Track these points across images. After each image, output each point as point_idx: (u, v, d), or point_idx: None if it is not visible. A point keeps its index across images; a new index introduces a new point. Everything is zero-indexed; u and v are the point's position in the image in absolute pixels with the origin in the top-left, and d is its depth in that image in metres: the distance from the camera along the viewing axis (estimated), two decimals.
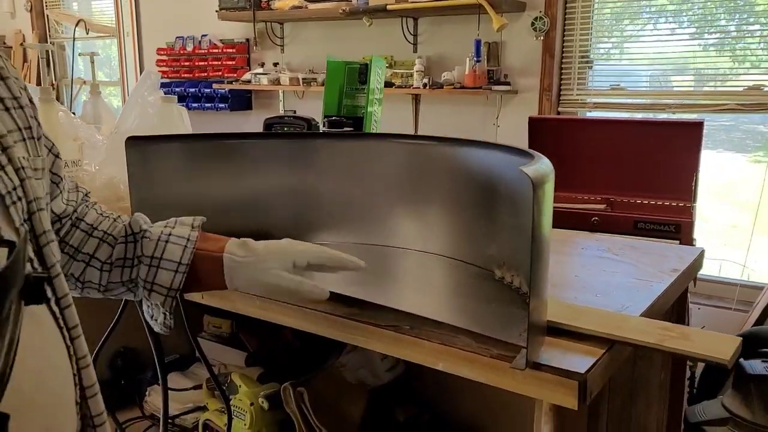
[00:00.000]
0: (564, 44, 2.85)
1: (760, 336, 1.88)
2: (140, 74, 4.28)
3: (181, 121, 1.76)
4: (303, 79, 3.30)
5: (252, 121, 4.03)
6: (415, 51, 3.18)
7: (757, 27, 2.54)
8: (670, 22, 2.72)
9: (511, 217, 1.05)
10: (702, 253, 1.40)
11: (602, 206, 2.08)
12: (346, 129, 1.70)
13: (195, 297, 1.15)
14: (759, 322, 2.53)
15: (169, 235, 0.82)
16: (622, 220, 1.97)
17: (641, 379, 1.27)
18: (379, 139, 1.23)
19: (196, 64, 4.06)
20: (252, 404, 1.37)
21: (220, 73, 3.96)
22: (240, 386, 1.42)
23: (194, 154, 1.23)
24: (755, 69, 2.57)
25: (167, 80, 4.22)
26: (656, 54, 2.80)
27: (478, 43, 2.79)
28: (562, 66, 2.89)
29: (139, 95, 1.62)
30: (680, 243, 1.92)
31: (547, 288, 0.85)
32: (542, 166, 0.80)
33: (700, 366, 2.18)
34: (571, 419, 0.88)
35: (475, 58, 2.81)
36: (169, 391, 1.40)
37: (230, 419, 1.04)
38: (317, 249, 0.88)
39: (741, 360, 1.90)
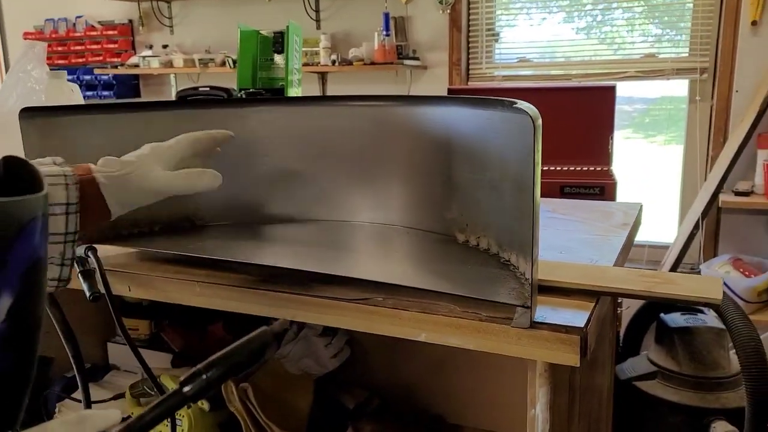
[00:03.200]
0: (470, 18, 2.84)
1: None
2: (3, 64, 3.85)
3: (72, 99, 1.55)
4: (200, 60, 3.09)
5: None
6: (318, 28, 3.07)
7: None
8: None
9: (473, 174, 0.98)
10: (641, 209, 1.41)
11: None
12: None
13: (122, 291, 1.00)
14: None
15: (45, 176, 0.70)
16: (548, 186, 1.98)
17: (598, 338, 1.25)
18: (315, 103, 1.12)
19: (72, 48, 3.69)
20: (189, 407, 1.23)
21: (100, 58, 3.63)
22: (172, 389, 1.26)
23: (104, 127, 1.07)
24: (650, 37, 2.69)
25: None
26: (557, 26, 2.86)
27: (386, 16, 2.72)
28: (470, 40, 2.88)
29: (22, 70, 1.40)
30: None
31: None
32: (524, 104, 0.73)
33: (624, 320, 2.25)
34: (561, 380, 0.83)
35: (384, 33, 2.74)
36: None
37: (174, 426, 0.91)
38: (182, 136, 0.85)
39: (661, 315, 1.96)
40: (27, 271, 0.34)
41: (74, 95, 1.54)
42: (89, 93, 3.49)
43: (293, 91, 1.72)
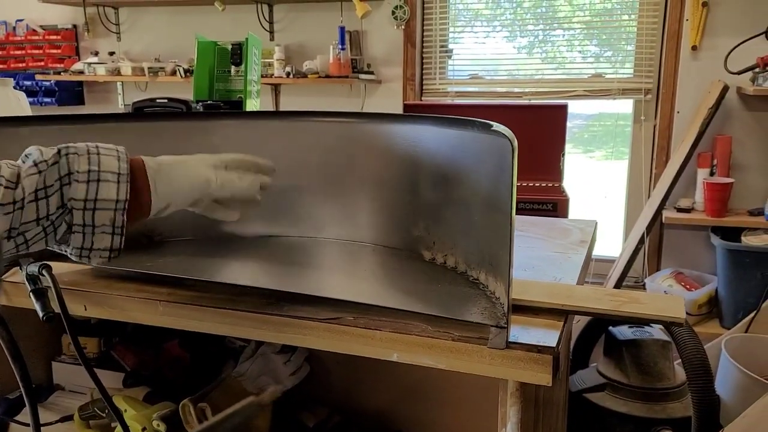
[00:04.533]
0: (424, 34, 2.88)
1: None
2: None
3: (19, 107, 1.49)
4: (149, 68, 3.01)
5: None
6: (272, 39, 3.04)
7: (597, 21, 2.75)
8: (518, 18, 2.86)
9: (441, 192, 0.99)
10: (596, 226, 1.45)
11: None
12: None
13: (77, 310, 0.96)
14: None
15: (97, 146, 0.73)
16: None
17: None
18: (281, 118, 1.11)
19: (11, 53, 3.54)
20: (144, 429, 1.18)
21: (42, 64, 3.49)
22: (126, 410, 1.22)
23: (59, 139, 1.02)
24: (598, 58, 2.79)
25: None
26: (506, 43, 2.93)
27: (342, 30, 2.72)
28: (423, 55, 2.92)
29: None
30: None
31: None
32: (500, 126, 0.74)
33: (574, 333, 2.30)
34: (528, 397, 0.84)
35: (339, 46, 2.74)
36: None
37: None
38: (230, 154, 0.86)
39: (610, 328, 2.02)
40: None
41: (21, 103, 1.48)
42: (30, 99, 3.32)
43: (251, 104, 1.70)
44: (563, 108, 2.13)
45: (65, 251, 0.77)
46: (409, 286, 0.92)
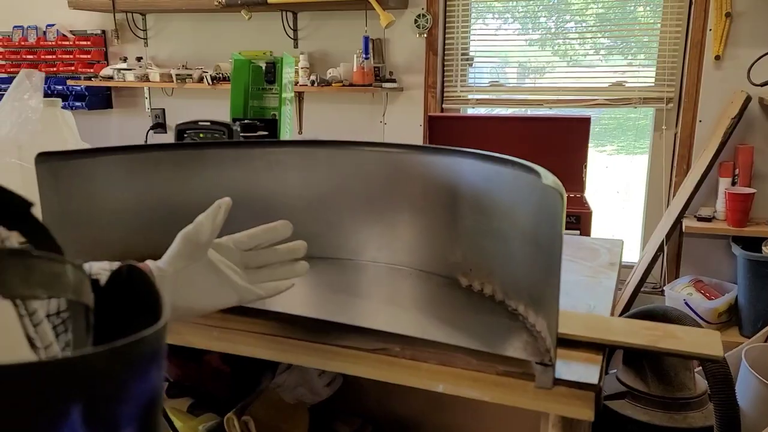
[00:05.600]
0: (446, 42, 2.91)
1: (649, 314, 2.04)
2: None
3: (67, 126, 1.54)
4: (177, 75, 3.07)
5: (115, 122, 3.68)
6: (296, 47, 3.08)
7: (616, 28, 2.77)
8: (540, 21, 2.88)
9: (480, 223, 1.03)
10: (622, 245, 1.49)
11: None
12: (261, 133, 1.60)
13: None
14: (632, 298, 2.78)
15: (90, 267, 0.68)
16: None
17: None
18: (329, 147, 1.15)
19: (42, 57, 3.62)
20: None
21: (72, 68, 3.56)
22: (174, 420, 1.27)
23: (116, 168, 1.08)
24: (619, 66, 2.80)
25: (5, 75, 3.73)
26: (526, 51, 2.95)
27: (366, 39, 2.76)
28: (445, 63, 2.95)
29: (17, 98, 1.39)
30: (581, 232, 2.04)
31: None
32: (551, 175, 0.78)
33: None
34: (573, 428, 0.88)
35: (363, 56, 2.77)
36: None
37: None
38: (243, 234, 0.80)
39: None
40: (147, 404, 0.34)
41: (69, 123, 1.53)
42: (61, 104, 3.42)
43: (285, 121, 1.75)
44: (586, 121, 2.16)
45: None
46: (451, 317, 0.96)
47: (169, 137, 3.54)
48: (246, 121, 1.57)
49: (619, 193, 3.26)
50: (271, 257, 0.81)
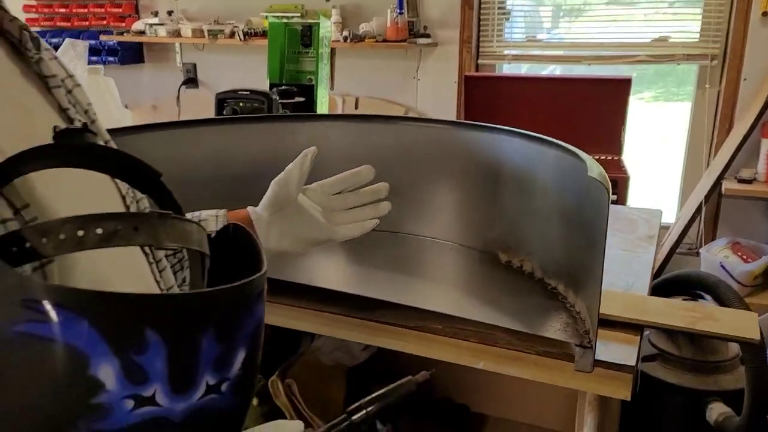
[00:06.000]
0: None
1: (684, 279, 2.03)
2: None
3: (109, 93, 1.57)
4: (209, 31, 3.05)
5: (147, 76, 3.70)
6: (327, 0, 3.03)
7: None
8: None
9: (523, 202, 1.04)
10: (660, 215, 1.48)
11: None
12: (298, 99, 1.60)
13: None
14: (666, 259, 2.76)
15: (200, 214, 0.79)
16: None
17: None
18: (378, 121, 1.16)
19: (74, 11, 3.62)
20: None
21: (104, 22, 3.56)
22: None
23: (161, 143, 1.10)
24: (661, 21, 2.70)
25: (39, 29, 3.75)
26: (568, 6, 2.86)
27: None
28: (481, 17, 2.88)
29: None
30: (617, 197, 2.02)
31: None
32: (596, 166, 0.78)
33: None
34: (607, 404, 0.90)
35: (397, 11, 2.72)
36: None
37: None
38: (329, 180, 0.86)
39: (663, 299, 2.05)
40: (254, 331, 0.44)
41: (111, 90, 1.56)
42: (94, 58, 3.44)
43: (321, 87, 1.74)
44: (627, 82, 2.11)
45: None
46: (491, 295, 0.98)
47: (201, 92, 3.55)
48: (283, 88, 1.57)
49: (657, 152, 3.20)
50: (357, 200, 0.86)
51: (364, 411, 0.48)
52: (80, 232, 0.43)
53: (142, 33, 3.30)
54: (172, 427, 0.40)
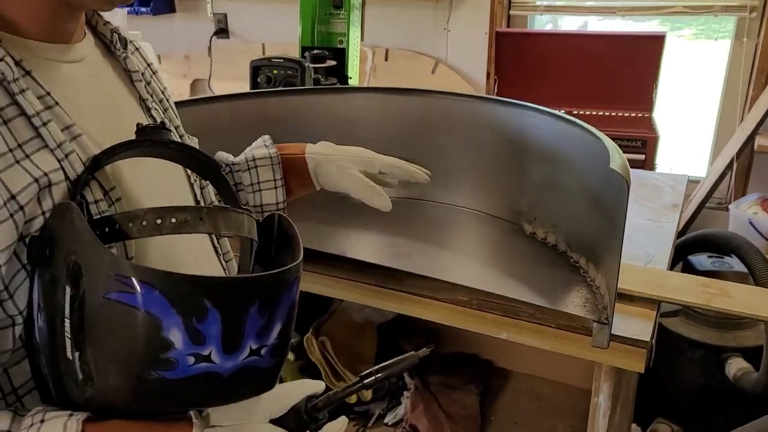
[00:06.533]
0: None
1: (710, 239, 2.04)
2: None
3: (147, 53, 1.61)
4: None
5: (178, 26, 3.72)
6: None
7: None
8: None
9: (549, 178, 1.07)
10: (686, 181, 1.50)
11: None
12: (329, 63, 1.63)
13: None
14: (695, 214, 2.76)
15: (254, 159, 0.86)
16: None
17: None
18: (403, 94, 1.19)
19: None
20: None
21: None
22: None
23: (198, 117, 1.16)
24: None
25: None
26: None
27: None
28: None
29: None
30: (645, 157, 2.02)
31: None
32: (619, 156, 0.81)
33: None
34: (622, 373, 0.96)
35: None
36: None
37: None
38: (388, 159, 0.91)
39: (689, 257, 2.07)
40: (289, 308, 0.55)
41: (149, 52, 1.60)
42: (127, 9, 3.48)
43: (353, 48, 1.76)
44: (660, 38, 2.07)
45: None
46: (515, 268, 1.03)
47: (232, 42, 3.56)
48: (315, 52, 1.60)
49: (692, 101, 3.13)
50: (394, 185, 0.92)
51: (374, 377, 0.58)
52: (158, 220, 0.54)
53: None
54: (222, 380, 0.51)
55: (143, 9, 3.49)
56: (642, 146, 2.02)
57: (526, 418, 1.50)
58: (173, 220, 0.54)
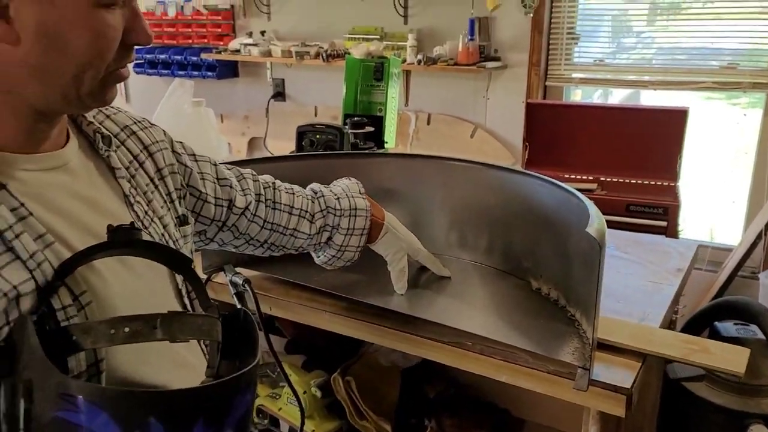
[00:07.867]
0: (552, 20, 2.96)
1: (732, 306, 2.09)
2: None
3: (209, 123, 1.84)
4: (296, 52, 3.34)
5: (240, 89, 4.04)
6: (405, 23, 3.24)
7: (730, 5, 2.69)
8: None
9: (552, 240, 1.20)
10: (698, 248, 1.59)
11: (595, 186, 2.26)
12: (368, 129, 1.81)
13: (265, 310, 1.28)
14: (727, 282, 2.79)
15: (356, 209, 1.09)
16: (615, 203, 2.15)
17: None
18: (426, 160, 1.36)
19: (180, 30, 4.01)
20: (305, 392, 1.53)
21: (205, 40, 3.93)
22: (291, 375, 1.57)
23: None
24: (730, 47, 2.73)
25: (149, 46, 4.15)
26: (638, 30, 2.94)
27: (472, 22, 2.87)
28: (550, 42, 3.00)
29: (172, 105, 1.69)
30: (667, 224, 2.12)
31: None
32: (598, 221, 0.95)
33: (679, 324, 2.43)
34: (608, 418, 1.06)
35: (468, 37, 2.90)
36: None
37: (302, 408, 1.17)
38: (427, 254, 1.23)
39: (715, 323, 2.13)
40: (242, 415, 0.56)
41: (210, 119, 1.83)
42: (195, 73, 3.84)
43: (390, 116, 1.95)
44: (683, 113, 2.19)
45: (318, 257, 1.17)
46: (517, 319, 1.16)
47: (288, 105, 3.85)
48: (356, 119, 1.79)
49: (728, 167, 3.19)
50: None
51: None
52: (112, 331, 0.55)
53: (237, 52, 3.63)
54: None
55: (209, 74, 3.84)
56: (664, 213, 2.11)
57: None
58: (126, 329, 0.55)
